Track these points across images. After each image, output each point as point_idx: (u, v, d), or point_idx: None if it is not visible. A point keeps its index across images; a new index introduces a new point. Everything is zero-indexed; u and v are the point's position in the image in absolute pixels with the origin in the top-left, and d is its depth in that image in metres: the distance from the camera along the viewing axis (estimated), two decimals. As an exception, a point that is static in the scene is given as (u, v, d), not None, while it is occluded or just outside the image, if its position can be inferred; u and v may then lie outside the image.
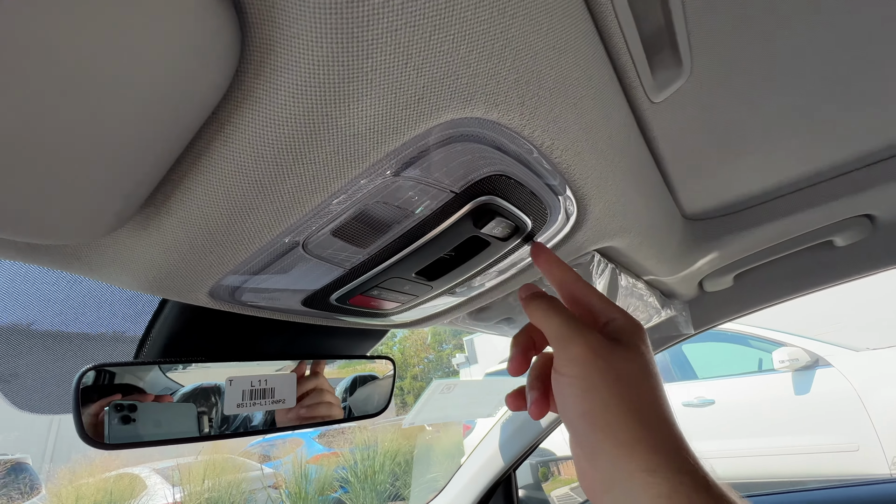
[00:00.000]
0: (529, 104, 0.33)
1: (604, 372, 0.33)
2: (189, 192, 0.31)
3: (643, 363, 0.35)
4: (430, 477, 6.07)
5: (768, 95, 0.52)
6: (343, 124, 0.27)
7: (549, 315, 0.37)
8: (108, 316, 0.62)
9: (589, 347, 0.34)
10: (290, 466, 6.55)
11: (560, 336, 0.36)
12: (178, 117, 0.25)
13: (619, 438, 0.31)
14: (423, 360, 20.74)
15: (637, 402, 0.33)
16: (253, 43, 0.24)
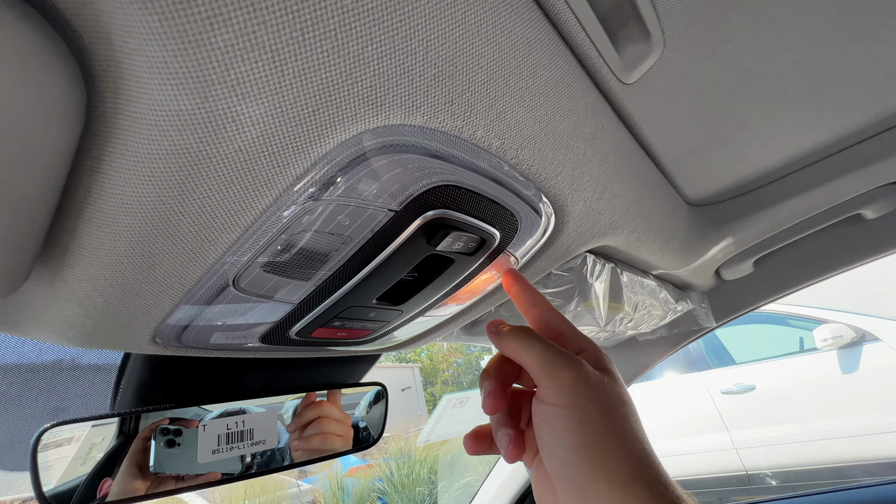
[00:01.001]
0: (460, 102, 0.28)
1: (597, 401, 0.31)
2: (84, 241, 0.28)
3: (625, 392, 0.33)
4: (464, 482, 6.00)
5: (761, 58, 0.45)
6: (227, 150, 0.23)
7: (530, 342, 0.34)
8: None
9: (580, 374, 0.31)
10: (327, 481, 6.58)
11: (545, 362, 0.32)
12: (35, 160, 0.22)
13: (616, 475, 0.29)
14: (452, 364, 20.68)
15: (628, 434, 0.30)
16: (100, 71, 0.20)
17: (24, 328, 0.36)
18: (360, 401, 0.74)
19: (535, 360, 0.33)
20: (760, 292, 0.96)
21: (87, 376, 0.61)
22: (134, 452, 0.51)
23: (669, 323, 0.99)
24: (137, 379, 0.54)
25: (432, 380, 18.00)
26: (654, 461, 0.30)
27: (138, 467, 0.50)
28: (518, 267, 0.50)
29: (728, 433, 3.65)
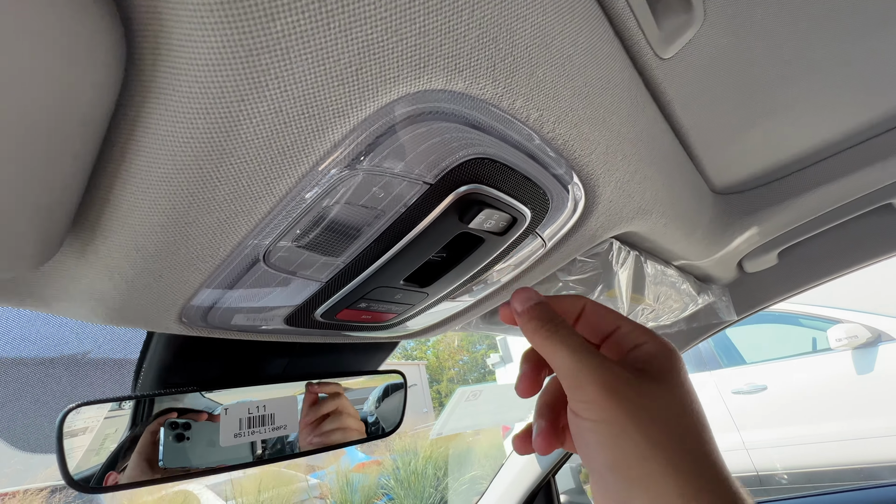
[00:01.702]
0: (503, 68, 0.27)
1: (633, 414, 0.27)
2: (117, 210, 0.27)
3: (681, 397, 0.29)
4: (470, 476, 6.00)
5: (803, 36, 0.43)
6: (267, 110, 0.22)
7: (553, 345, 0.30)
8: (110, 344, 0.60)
9: (606, 388, 0.28)
10: (335, 476, 6.63)
11: (569, 373, 0.29)
12: (67, 125, 0.21)
13: (658, 495, 0.26)
14: (458, 362, 20.69)
15: (679, 447, 0.27)
16: (140, 24, 0.20)
17: (53, 304, 0.36)
18: (370, 392, 0.73)
19: (557, 366, 0.30)
20: (784, 285, 0.94)
21: (102, 369, 0.61)
22: (143, 446, 0.50)
23: (689, 316, 0.97)
24: (159, 362, 0.53)
25: (438, 377, 18.02)
26: (713, 475, 0.27)
27: (147, 460, 0.50)
28: (545, 251, 0.49)
29: (739, 433, 3.61)
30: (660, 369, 0.30)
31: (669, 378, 0.29)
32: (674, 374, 0.30)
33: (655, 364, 0.30)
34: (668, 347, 0.31)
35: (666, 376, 0.29)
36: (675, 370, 0.30)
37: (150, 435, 0.51)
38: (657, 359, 0.30)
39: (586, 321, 0.34)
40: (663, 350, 0.31)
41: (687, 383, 0.30)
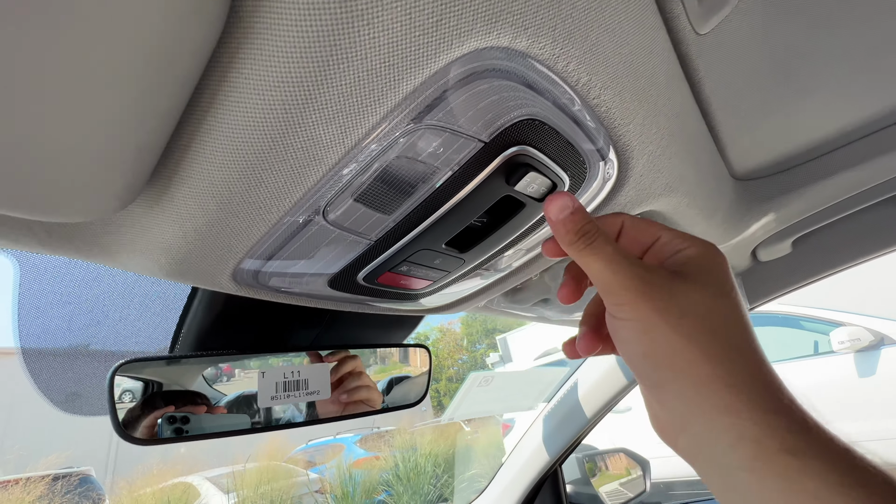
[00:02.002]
0: (562, 28, 0.29)
1: (663, 312, 0.29)
2: (198, 156, 0.29)
3: (717, 294, 0.29)
4: (470, 475, 6.03)
5: (835, 20, 0.45)
6: (355, 56, 0.24)
7: (588, 256, 0.31)
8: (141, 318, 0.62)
9: (637, 290, 0.29)
10: (335, 471, 6.65)
11: (603, 281, 0.31)
12: (172, 69, 0.23)
13: (691, 377, 0.27)
14: (458, 360, 20.73)
15: (710, 337, 0.28)
16: None
17: (117, 255, 0.38)
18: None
19: (595, 277, 0.31)
20: (796, 275, 0.96)
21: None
22: (145, 428, 0.51)
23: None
24: (199, 325, 0.55)
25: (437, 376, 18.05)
26: (747, 362, 0.27)
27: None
28: None
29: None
30: (696, 270, 0.30)
31: (705, 277, 0.30)
32: (710, 274, 0.30)
33: (692, 265, 0.31)
34: (709, 250, 0.32)
35: (701, 276, 0.30)
36: (712, 270, 0.30)
37: (148, 430, 0.50)
38: (695, 259, 0.31)
39: (626, 236, 0.35)
40: (703, 251, 0.31)
41: (723, 282, 0.30)
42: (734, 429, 0.25)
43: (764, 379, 0.27)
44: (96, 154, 0.26)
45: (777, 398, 0.26)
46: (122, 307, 0.54)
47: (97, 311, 0.53)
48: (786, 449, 0.24)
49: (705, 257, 0.31)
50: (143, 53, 0.21)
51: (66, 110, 0.22)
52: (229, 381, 0.56)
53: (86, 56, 0.20)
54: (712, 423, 0.26)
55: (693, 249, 0.31)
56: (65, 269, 0.48)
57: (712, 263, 0.31)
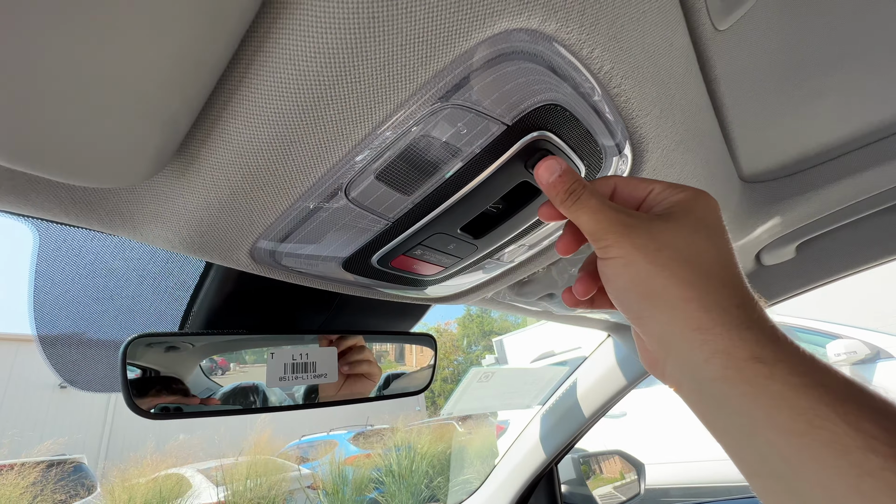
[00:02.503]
0: (590, 14, 0.30)
1: (640, 248, 0.31)
2: (229, 127, 0.30)
3: (695, 229, 0.31)
4: (462, 479, 6.02)
5: (851, 23, 0.46)
6: (390, 31, 0.25)
7: (577, 209, 0.33)
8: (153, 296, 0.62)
9: (618, 232, 0.31)
10: (327, 468, 6.65)
11: (591, 231, 0.33)
12: (212, 36, 0.24)
13: (665, 301, 0.29)
14: (453, 361, 20.71)
15: (683, 265, 0.30)
16: None
17: (139, 226, 0.38)
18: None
19: (584, 227, 0.33)
20: (799, 280, 0.96)
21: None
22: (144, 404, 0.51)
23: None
24: (209, 305, 0.56)
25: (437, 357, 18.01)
26: (722, 285, 0.29)
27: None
28: None
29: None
30: (680, 211, 0.32)
31: (686, 216, 0.31)
32: (691, 212, 0.32)
33: (677, 207, 0.32)
34: (696, 193, 0.33)
35: (683, 215, 0.31)
36: (694, 209, 0.32)
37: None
38: (680, 203, 0.32)
39: (620, 194, 0.36)
40: (689, 195, 0.33)
41: (703, 218, 0.32)
42: (707, 344, 0.27)
43: (736, 299, 0.29)
44: (131, 119, 0.26)
45: (748, 315, 0.28)
46: (135, 285, 0.54)
47: (111, 288, 0.53)
48: (754, 357, 0.26)
49: (690, 200, 0.33)
50: (183, 23, 0.22)
51: (105, 77, 0.23)
52: (224, 375, 0.56)
53: (128, 25, 0.20)
54: (688, 342, 0.28)
55: (681, 195, 0.33)
56: (83, 243, 0.48)
57: (695, 204, 0.32)
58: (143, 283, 0.53)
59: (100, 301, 0.53)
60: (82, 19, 0.20)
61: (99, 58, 0.22)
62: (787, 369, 0.25)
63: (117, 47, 0.22)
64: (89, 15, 0.20)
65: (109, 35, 0.21)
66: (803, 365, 0.26)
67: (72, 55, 0.21)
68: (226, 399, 0.53)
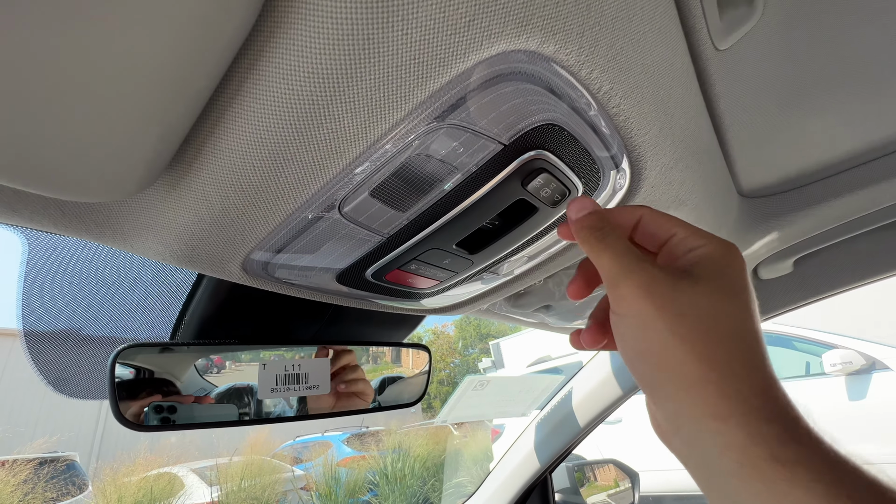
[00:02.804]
0: (589, 35, 0.29)
1: (661, 309, 0.28)
2: (221, 143, 0.29)
3: (723, 295, 0.28)
4: (457, 482, 6.00)
5: (850, 42, 0.46)
6: (386, 51, 0.24)
7: (599, 250, 0.32)
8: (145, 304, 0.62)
9: (638, 285, 0.29)
10: (321, 469, 6.62)
11: (609, 275, 0.31)
12: (207, 50, 0.23)
13: (681, 379, 0.27)
14: (450, 364, 20.68)
15: (705, 338, 0.27)
16: None
17: (129, 238, 0.38)
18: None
19: (600, 270, 0.32)
20: (796, 294, 0.96)
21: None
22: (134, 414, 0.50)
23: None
24: (202, 314, 0.55)
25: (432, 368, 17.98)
26: (746, 367, 0.26)
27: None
28: None
29: (729, 451, 3.63)
30: (706, 269, 0.29)
31: (713, 277, 0.29)
32: (720, 274, 0.29)
33: (703, 264, 0.29)
34: (724, 249, 0.30)
35: (710, 276, 0.29)
36: (723, 271, 0.29)
37: (134, 416, 0.49)
38: (706, 259, 0.30)
39: (644, 230, 0.34)
40: (716, 251, 0.30)
41: (733, 283, 0.29)
42: (722, 435, 0.25)
43: (759, 385, 0.26)
44: (121, 135, 0.26)
45: (771, 406, 0.25)
46: (126, 292, 0.53)
47: (101, 295, 0.52)
48: (773, 457, 0.24)
49: (718, 257, 0.30)
50: (177, 37, 0.21)
51: (96, 90, 0.22)
52: (220, 373, 0.56)
53: (119, 38, 0.20)
54: (701, 428, 0.26)
55: (707, 248, 0.30)
56: (73, 251, 0.47)
57: (723, 263, 0.30)
58: (135, 291, 0.52)
59: (90, 308, 0.53)
60: (72, 34, 0.19)
61: (88, 72, 0.21)
62: (811, 474, 0.23)
63: (107, 62, 0.21)
64: (79, 29, 0.19)
65: (98, 50, 0.20)
66: (829, 470, 0.23)
67: (60, 70, 0.21)
68: (217, 410, 0.53)
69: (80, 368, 0.55)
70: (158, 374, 0.50)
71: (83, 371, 0.55)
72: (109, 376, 0.45)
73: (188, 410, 0.52)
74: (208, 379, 0.55)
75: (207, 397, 0.53)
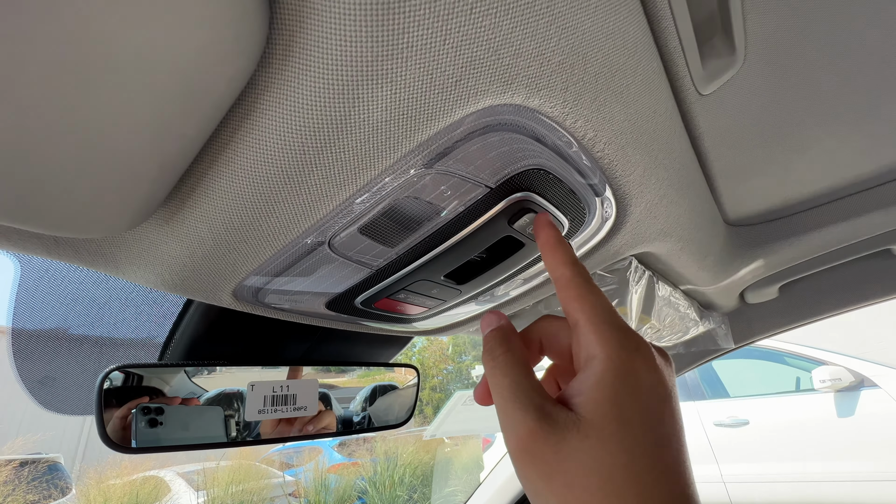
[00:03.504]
0: (573, 90, 0.30)
1: (546, 479, 0.24)
2: (213, 184, 0.30)
3: (616, 447, 0.23)
4: (448, 491, 5.97)
5: (829, 89, 0.47)
6: (375, 108, 0.25)
7: (494, 376, 0.28)
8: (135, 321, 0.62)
9: (521, 447, 0.25)
10: (311, 475, 6.56)
11: (498, 410, 0.27)
12: (202, 103, 0.24)
13: None
14: (443, 370, 20.60)
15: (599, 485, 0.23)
16: (281, 22, 0.23)
17: (123, 267, 0.38)
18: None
19: (494, 399, 0.28)
20: (781, 319, 0.98)
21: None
22: (114, 430, 0.48)
23: (688, 341, 1.00)
24: (192, 335, 0.55)
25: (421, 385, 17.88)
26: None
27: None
28: None
29: (718, 466, 3.64)
30: (599, 407, 0.24)
31: (606, 421, 0.24)
32: (613, 412, 0.24)
33: (594, 399, 0.25)
34: (618, 365, 0.25)
35: (602, 419, 0.24)
36: (620, 405, 0.24)
37: (120, 420, 0.48)
38: (600, 386, 0.25)
39: (549, 339, 0.31)
40: (608, 371, 0.25)
41: (631, 423, 0.24)
42: None
43: None
44: (116, 175, 0.26)
45: None
46: (118, 309, 0.54)
47: (93, 313, 0.53)
48: None
49: (610, 381, 0.25)
50: (179, 82, 0.22)
51: (92, 134, 0.23)
52: (210, 375, 0.55)
53: (118, 81, 0.21)
54: None
55: (599, 364, 0.26)
56: (67, 269, 0.48)
57: (619, 387, 0.25)
58: (126, 311, 0.53)
59: (80, 327, 0.53)
60: (70, 78, 0.20)
61: (85, 117, 0.22)
62: None
63: (105, 107, 0.22)
64: (77, 75, 0.20)
65: (96, 95, 0.21)
66: None
67: (55, 117, 0.21)
68: (204, 431, 0.53)
69: (66, 384, 0.55)
70: (150, 394, 0.51)
71: (70, 387, 0.55)
72: (97, 398, 0.45)
73: (175, 413, 0.51)
74: (196, 382, 0.54)
75: (194, 399, 0.53)
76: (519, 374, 0.27)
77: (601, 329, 0.26)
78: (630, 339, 0.27)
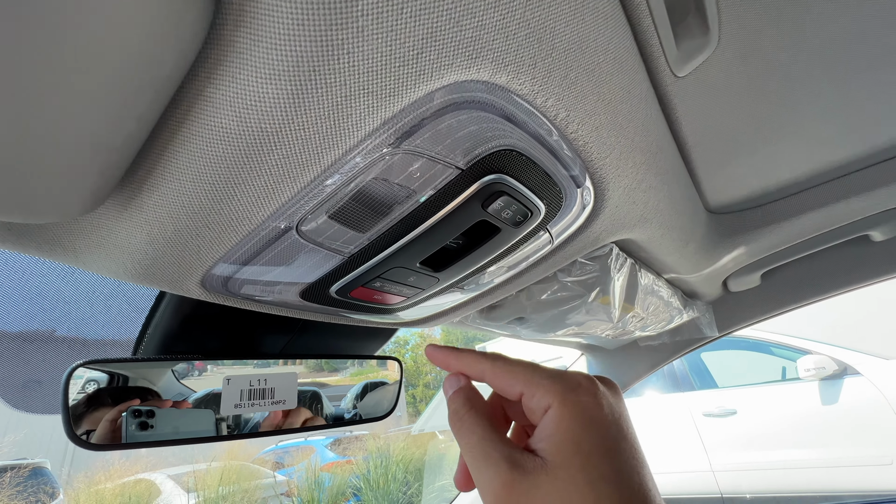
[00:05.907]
0: (542, 66, 0.30)
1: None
2: (170, 165, 0.29)
3: (578, 486, 0.26)
4: (440, 485, 5.98)
5: (804, 72, 0.47)
6: (333, 82, 0.24)
7: (463, 436, 0.30)
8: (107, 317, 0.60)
9: (494, 495, 0.27)
10: (303, 474, 6.53)
11: (471, 469, 0.29)
12: (151, 77, 0.23)
13: None
14: (436, 367, 20.59)
15: None
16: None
17: (83, 256, 0.37)
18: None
19: (465, 458, 0.30)
20: (764, 306, 0.99)
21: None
22: (103, 433, 0.48)
23: (672, 330, 1.01)
24: (165, 328, 0.54)
25: (414, 382, 17.93)
26: None
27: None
28: (552, 248, 0.52)
29: (707, 455, 3.69)
30: (560, 448, 0.27)
31: (567, 462, 0.26)
32: (573, 454, 0.27)
33: (553, 443, 0.27)
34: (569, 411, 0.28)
35: (564, 460, 0.26)
36: (578, 447, 0.27)
37: (110, 423, 0.48)
38: (556, 433, 0.27)
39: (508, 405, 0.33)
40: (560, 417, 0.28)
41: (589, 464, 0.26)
42: None
43: None
44: (65, 156, 0.25)
45: None
46: (86, 304, 0.52)
47: (61, 307, 0.51)
48: None
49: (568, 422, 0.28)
50: (123, 58, 0.21)
51: (38, 110, 0.22)
52: (201, 376, 0.54)
53: (64, 57, 0.20)
54: None
55: (553, 412, 0.28)
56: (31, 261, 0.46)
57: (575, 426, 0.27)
58: (97, 302, 0.51)
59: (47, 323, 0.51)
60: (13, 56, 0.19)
61: (29, 95, 0.21)
62: None
63: (51, 85, 0.21)
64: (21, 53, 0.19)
65: (42, 72, 0.20)
66: None
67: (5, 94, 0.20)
68: (177, 427, 0.51)
69: (35, 383, 0.53)
70: (120, 386, 0.49)
71: (40, 385, 0.53)
72: (63, 394, 0.44)
73: (165, 416, 0.50)
74: (185, 384, 0.53)
75: (185, 402, 0.52)
76: (485, 428, 0.30)
77: (543, 384, 0.29)
78: (570, 380, 0.30)
